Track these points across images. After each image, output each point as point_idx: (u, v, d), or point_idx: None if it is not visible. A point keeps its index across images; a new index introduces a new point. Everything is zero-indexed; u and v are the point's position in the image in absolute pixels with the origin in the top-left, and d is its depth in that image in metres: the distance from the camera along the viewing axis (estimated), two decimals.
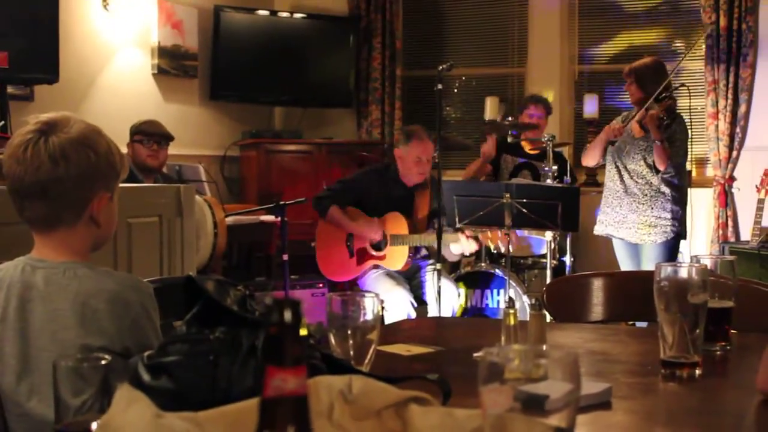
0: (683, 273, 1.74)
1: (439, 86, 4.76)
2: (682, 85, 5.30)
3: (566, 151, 6.91)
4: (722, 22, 6.52)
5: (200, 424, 1.12)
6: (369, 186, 5.18)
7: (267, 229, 6.04)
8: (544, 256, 5.86)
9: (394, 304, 5.04)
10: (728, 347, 1.92)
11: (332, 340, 1.62)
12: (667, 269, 1.74)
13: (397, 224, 5.13)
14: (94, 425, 1.25)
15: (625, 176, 5.03)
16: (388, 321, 5.01)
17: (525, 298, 5.60)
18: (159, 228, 3.66)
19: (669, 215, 4.96)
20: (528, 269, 6.16)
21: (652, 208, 4.96)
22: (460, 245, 4.84)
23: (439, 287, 4.62)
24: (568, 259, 6.02)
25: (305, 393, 0.74)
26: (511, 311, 1.74)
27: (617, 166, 5.08)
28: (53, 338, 1.79)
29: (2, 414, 1.80)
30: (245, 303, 1.44)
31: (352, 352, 1.60)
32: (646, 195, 4.99)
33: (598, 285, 2.38)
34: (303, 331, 0.80)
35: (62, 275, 1.83)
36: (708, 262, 1.91)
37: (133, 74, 6.43)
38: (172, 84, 6.75)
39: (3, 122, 3.72)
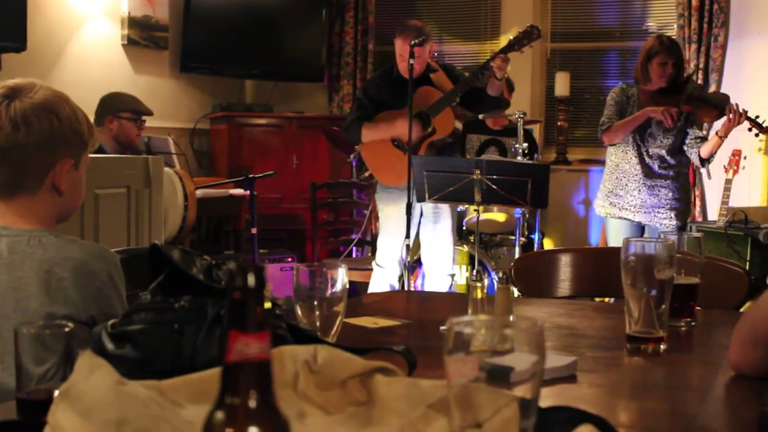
0: (650, 249, 1.74)
1: (411, 61, 4.73)
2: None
3: (536, 129, 6.93)
4: (694, 1, 6.54)
5: (163, 392, 1.11)
6: (382, 89, 5.09)
7: (236, 203, 6.02)
8: (512, 232, 5.89)
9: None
10: (693, 323, 1.93)
11: (299, 311, 1.62)
12: (634, 245, 1.74)
13: (428, 96, 5.04)
14: (56, 393, 1.24)
15: (648, 160, 4.86)
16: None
17: (493, 274, 5.62)
18: (127, 199, 3.64)
19: (686, 199, 4.96)
20: (497, 246, 6.19)
21: (673, 192, 4.88)
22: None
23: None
24: (536, 236, 6.06)
25: (268, 359, 0.73)
26: (478, 284, 1.74)
27: (639, 151, 4.88)
28: (17, 306, 1.77)
29: None
30: (211, 272, 1.43)
31: (318, 324, 1.60)
32: (668, 179, 4.89)
33: (565, 260, 2.38)
34: (267, 302, 0.79)
35: (27, 243, 1.81)
36: (675, 239, 1.92)
37: (103, 44, 6.36)
38: (142, 55, 6.69)
39: None
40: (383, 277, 5.20)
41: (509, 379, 0.99)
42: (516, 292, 2.48)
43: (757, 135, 5.10)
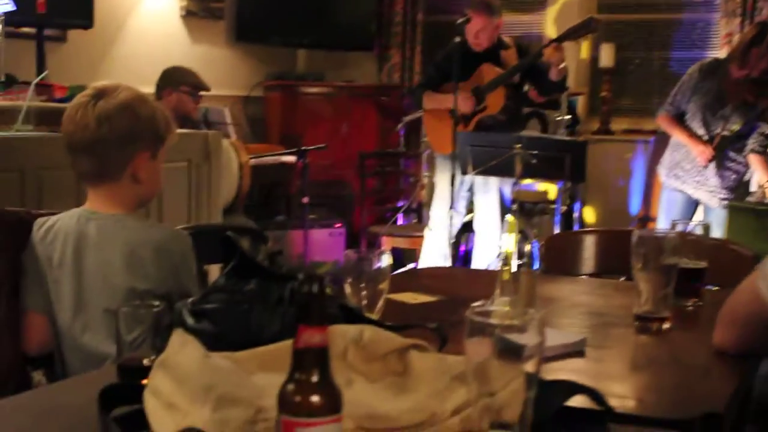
0: (657, 238, 1.97)
1: (458, 39, 4.94)
2: None
3: (580, 101, 7.10)
4: None
5: (238, 362, 1.38)
6: (452, 60, 5.12)
7: (288, 170, 6.27)
8: (554, 201, 6.11)
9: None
10: (700, 303, 2.15)
11: (348, 289, 1.87)
12: (642, 234, 1.98)
13: (488, 73, 5.22)
14: (146, 361, 1.50)
15: (716, 139, 4.81)
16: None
17: (535, 242, 5.85)
18: (188, 172, 3.91)
19: (740, 179, 4.96)
20: (539, 214, 6.41)
21: (737, 175, 4.90)
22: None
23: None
24: (578, 205, 6.26)
25: (327, 344, 0.98)
26: (506, 268, 1.98)
27: (708, 127, 4.84)
28: (104, 281, 2.04)
29: (59, 346, 2.07)
30: (274, 259, 1.69)
31: (365, 301, 1.85)
32: (734, 161, 4.88)
33: (590, 241, 2.61)
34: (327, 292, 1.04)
35: (113, 226, 2.08)
36: (682, 227, 2.17)
37: (162, 17, 6.62)
38: (199, 26, 6.94)
39: (45, 72, 3.94)
40: (435, 242, 5.42)
41: (521, 355, 1.24)
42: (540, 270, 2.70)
43: None
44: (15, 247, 2.11)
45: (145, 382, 1.29)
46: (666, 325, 1.93)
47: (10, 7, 3.68)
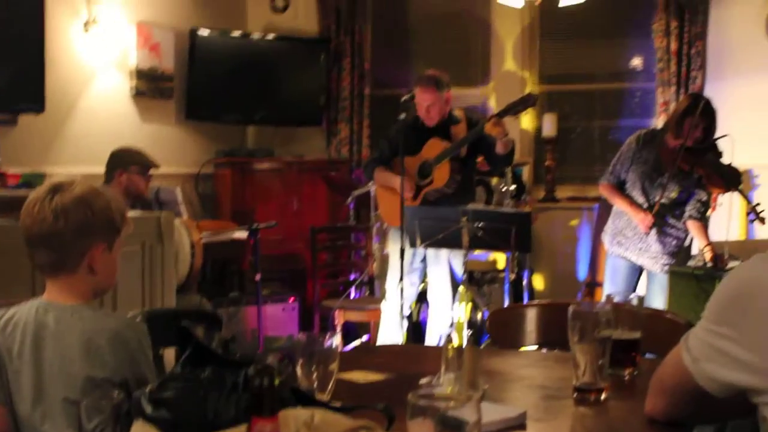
0: (591, 312, 2.08)
1: (402, 115, 5.09)
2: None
3: (525, 170, 7.28)
4: (672, 45, 6.91)
5: None
6: (403, 134, 5.21)
7: (239, 246, 6.33)
8: (503, 270, 6.24)
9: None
10: (636, 373, 2.26)
11: (299, 371, 1.96)
12: (577, 309, 2.09)
13: (435, 147, 5.32)
14: None
15: (656, 206, 4.97)
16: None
17: (485, 312, 5.98)
18: (141, 254, 3.99)
19: (681, 245, 5.11)
20: (489, 283, 6.54)
21: (676, 239, 5.05)
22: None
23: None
24: (526, 272, 6.40)
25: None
26: (450, 345, 2.07)
27: (647, 195, 5.00)
28: (63, 371, 2.11)
29: None
30: (228, 346, 1.77)
31: (316, 383, 1.94)
32: (674, 227, 5.04)
33: (533, 314, 2.72)
34: (276, 379, 1.13)
35: (70, 316, 2.15)
36: (619, 298, 2.28)
37: (112, 97, 6.70)
38: (149, 105, 7.03)
39: None
40: (390, 313, 5.48)
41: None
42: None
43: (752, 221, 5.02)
44: None
45: None
46: (603, 396, 2.03)
47: None
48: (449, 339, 2.10)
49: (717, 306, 1.68)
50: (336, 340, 1.98)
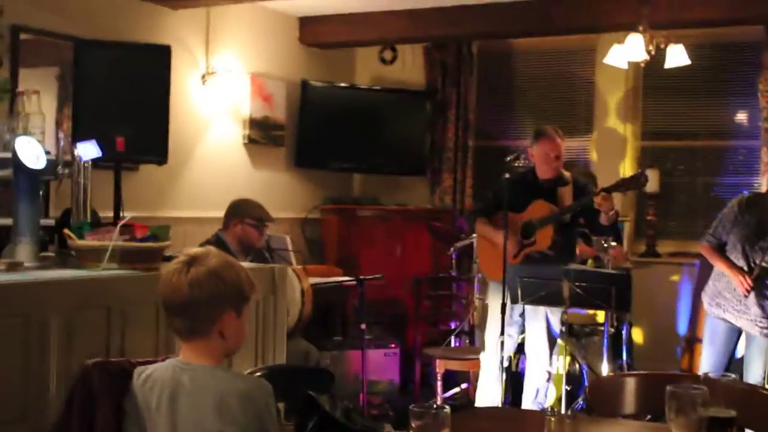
0: (689, 393, 2.20)
1: (507, 175, 5.23)
2: None
3: (627, 226, 7.34)
4: None
5: None
6: (512, 188, 5.32)
7: (344, 291, 6.56)
8: (602, 324, 6.31)
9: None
10: None
11: None
12: (674, 390, 2.21)
13: (541, 209, 5.45)
14: None
15: (756, 270, 4.99)
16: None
17: (584, 364, 6.06)
18: (256, 305, 4.20)
19: None
20: (587, 336, 6.60)
21: None
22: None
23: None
24: (625, 326, 6.45)
25: None
26: (552, 418, 2.22)
27: (747, 258, 5.04)
28: (196, 425, 2.32)
29: None
30: (350, 415, 1.96)
31: None
32: None
33: (631, 383, 2.84)
34: None
35: (203, 376, 2.37)
36: (714, 376, 2.41)
37: (227, 145, 7.02)
38: (261, 152, 7.34)
39: (126, 217, 4.28)
40: (489, 365, 5.60)
41: None
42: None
43: None
44: (118, 393, 2.41)
45: None
46: None
47: (97, 154, 4.04)
48: (552, 411, 2.24)
49: None
50: (446, 411, 2.13)
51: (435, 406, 2.13)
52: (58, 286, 3.36)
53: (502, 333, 5.19)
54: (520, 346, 5.99)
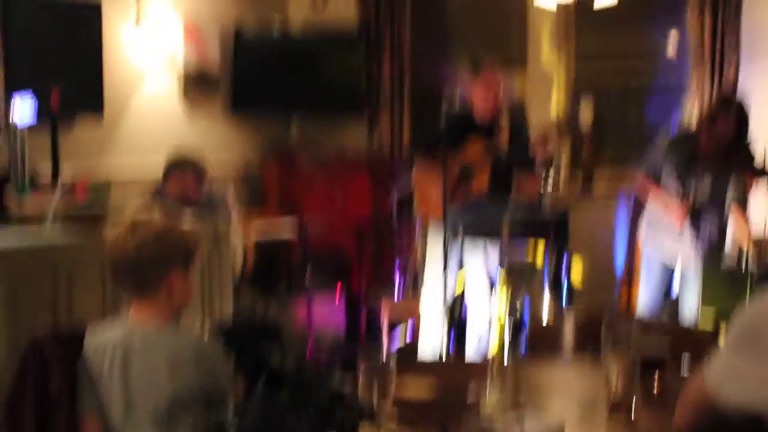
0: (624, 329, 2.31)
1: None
2: None
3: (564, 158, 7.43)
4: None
5: None
6: (449, 134, 5.28)
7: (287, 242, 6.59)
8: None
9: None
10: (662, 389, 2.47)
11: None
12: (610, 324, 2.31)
13: (478, 149, 5.48)
14: None
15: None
16: None
17: (527, 296, 6.15)
18: (201, 262, 4.24)
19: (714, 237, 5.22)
20: (528, 276, 6.68)
21: (710, 231, 5.16)
22: None
23: None
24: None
25: None
26: (495, 365, 2.31)
27: (684, 189, 5.15)
28: (149, 386, 2.38)
29: None
30: (300, 365, 2.02)
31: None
32: (707, 218, 5.15)
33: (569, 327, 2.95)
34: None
35: (154, 337, 2.43)
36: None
37: (162, 96, 6.97)
38: (196, 101, 7.28)
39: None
40: (431, 305, 5.68)
41: None
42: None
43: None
44: (70, 360, 2.45)
45: None
46: (633, 410, 2.25)
47: (31, 119, 4.02)
48: (493, 359, 2.32)
49: (734, 337, 1.89)
50: (393, 361, 2.20)
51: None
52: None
53: (446, 268, 5.21)
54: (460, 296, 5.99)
